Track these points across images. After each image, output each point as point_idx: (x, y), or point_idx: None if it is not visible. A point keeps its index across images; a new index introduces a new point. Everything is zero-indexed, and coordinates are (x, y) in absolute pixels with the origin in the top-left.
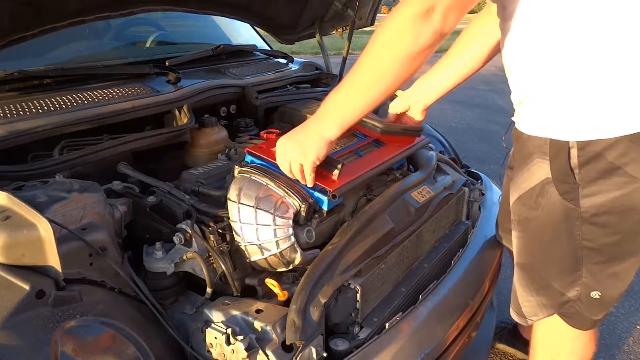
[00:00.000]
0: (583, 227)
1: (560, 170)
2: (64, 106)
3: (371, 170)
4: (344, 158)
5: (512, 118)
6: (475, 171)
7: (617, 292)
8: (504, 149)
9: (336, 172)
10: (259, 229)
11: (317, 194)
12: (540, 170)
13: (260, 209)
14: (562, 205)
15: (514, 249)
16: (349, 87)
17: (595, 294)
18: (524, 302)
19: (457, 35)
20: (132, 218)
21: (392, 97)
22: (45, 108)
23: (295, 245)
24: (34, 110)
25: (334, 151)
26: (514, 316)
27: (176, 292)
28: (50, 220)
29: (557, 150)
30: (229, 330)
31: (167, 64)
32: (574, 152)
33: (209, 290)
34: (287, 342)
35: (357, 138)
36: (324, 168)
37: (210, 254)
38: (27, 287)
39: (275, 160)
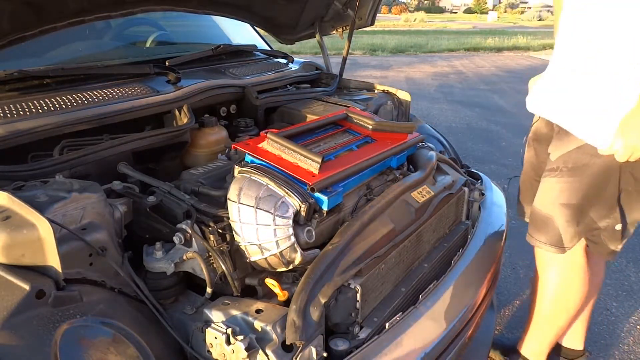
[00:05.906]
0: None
1: None
2: (64, 106)
3: (354, 165)
4: (331, 154)
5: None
6: (475, 171)
7: (632, 226)
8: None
9: (317, 166)
10: (259, 229)
11: (317, 194)
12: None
13: (260, 209)
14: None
15: (558, 192)
16: None
17: (618, 227)
18: (566, 235)
19: None
20: (132, 218)
21: (395, 96)
22: (45, 108)
23: (295, 245)
24: (34, 110)
25: (323, 148)
26: (551, 249)
27: (176, 292)
28: (50, 220)
29: None
30: (229, 330)
31: (167, 64)
32: None
33: (209, 290)
34: (287, 342)
35: (347, 134)
36: (305, 162)
37: (210, 254)
38: (27, 287)
39: (268, 159)
